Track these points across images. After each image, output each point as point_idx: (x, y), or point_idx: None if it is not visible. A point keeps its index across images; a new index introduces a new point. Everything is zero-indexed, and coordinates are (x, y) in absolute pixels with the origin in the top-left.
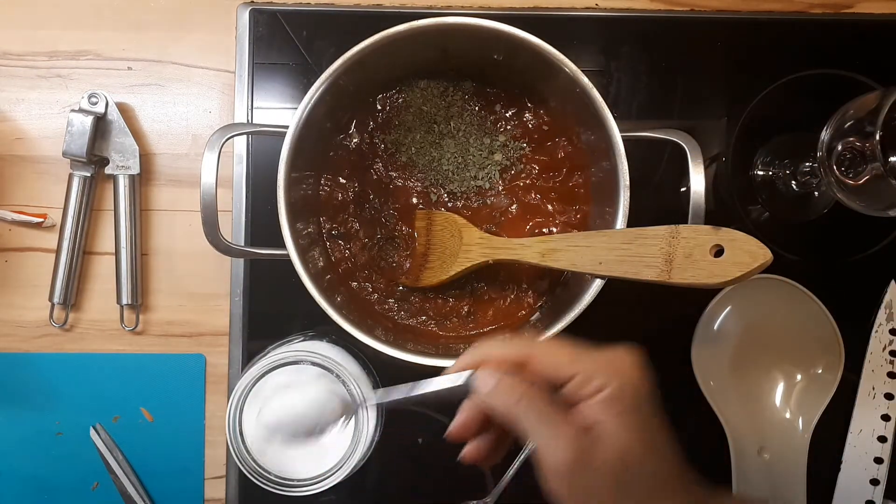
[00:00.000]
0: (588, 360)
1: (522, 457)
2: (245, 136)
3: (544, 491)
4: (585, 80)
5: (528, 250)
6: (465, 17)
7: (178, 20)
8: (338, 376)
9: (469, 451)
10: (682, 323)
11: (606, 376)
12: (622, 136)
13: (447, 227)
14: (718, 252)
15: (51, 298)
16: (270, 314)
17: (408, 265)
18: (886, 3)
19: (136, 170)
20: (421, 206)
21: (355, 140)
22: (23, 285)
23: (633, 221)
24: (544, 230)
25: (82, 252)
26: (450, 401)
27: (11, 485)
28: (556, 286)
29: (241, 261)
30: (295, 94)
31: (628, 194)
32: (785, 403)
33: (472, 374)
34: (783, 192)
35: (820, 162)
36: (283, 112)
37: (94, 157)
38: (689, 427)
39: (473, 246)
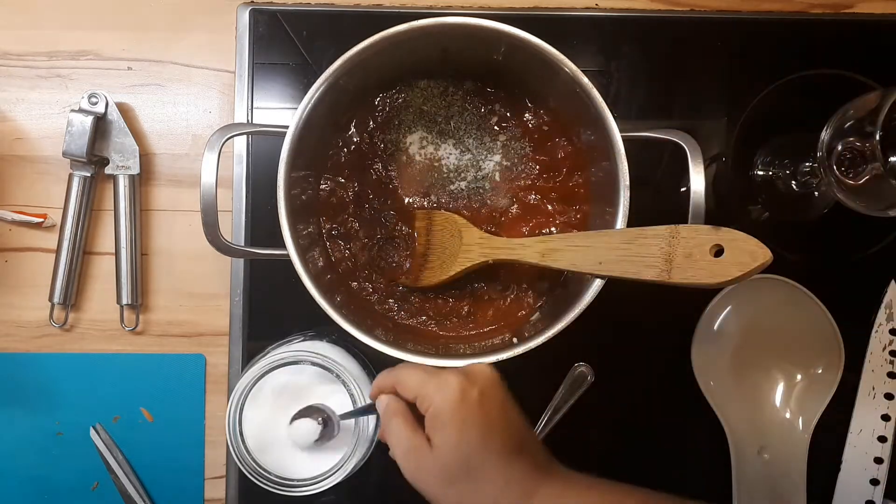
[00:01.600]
0: (426, 383)
1: None
2: (245, 136)
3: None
4: (585, 80)
5: (527, 250)
6: (465, 17)
7: (178, 20)
8: (338, 376)
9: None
10: (682, 323)
11: (432, 396)
12: (622, 136)
13: (447, 227)
14: (718, 252)
15: (51, 298)
16: (270, 314)
17: (408, 265)
18: (886, 3)
19: (136, 170)
20: (422, 205)
21: (355, 140)
22: (23, 285)
23: (633, 221)
24: (544, 230)
25: (82, 252)
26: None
27: (11, 485)
28: (556, 286)
29: (241, 261)
30: (295, 94)
31: (628, 194)
32: (785, 403)
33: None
34: (783, 192)
35: (820, 162)
36: (283, 112)
37: (94, 157)
38: (689, 427)
39: (473, 246)
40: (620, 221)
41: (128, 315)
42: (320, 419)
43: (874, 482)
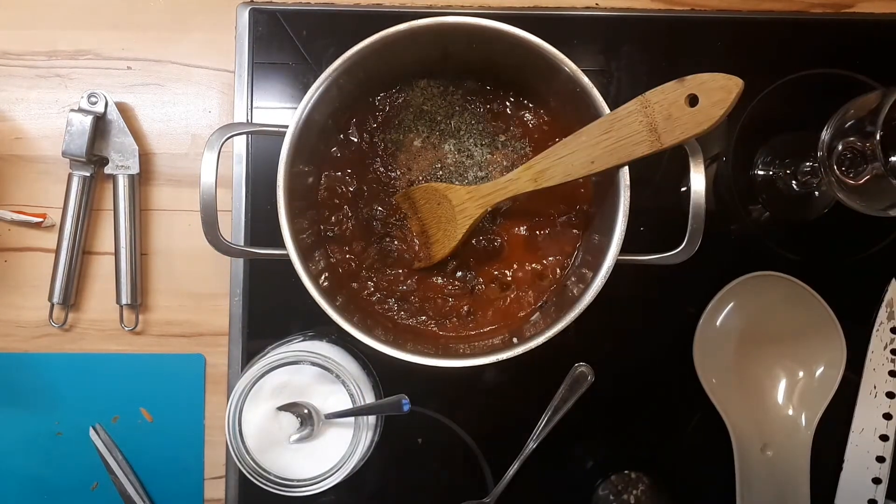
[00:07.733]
0: None
1: (523, 457)
2: (245, 136)
3: None
4: (585, 79)
5: (519, 182)
6: (465, 17)
7: (178, 20)
8: (338, 376)
9: None
10: (684, 320)
11: None
12: None
13: (430, 198)
14: (693, 101)
15: (50, 298)
16: (270, 314)
17: (417, 251)
18: (886, 3)
19: (135, 170)
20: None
21: (355, 139)
22: (23, 285)
23: (633, 220)
24: (545, 230)
25: (82, 252)
26: None
27: (11, 485)
28: (556, 285)
29: (241, 261)
30: (295, 94)
31: (629, 194)
32: (787, 401)
33: None
34: (784, 191)
35: (820, 162)
36: (283, 112)
37: (94, 157)
38: (691, 424)
39: (465, 203)
40: (621, 221)
41: (127, 315)
42: (299, 416)
43: (876, 481)
